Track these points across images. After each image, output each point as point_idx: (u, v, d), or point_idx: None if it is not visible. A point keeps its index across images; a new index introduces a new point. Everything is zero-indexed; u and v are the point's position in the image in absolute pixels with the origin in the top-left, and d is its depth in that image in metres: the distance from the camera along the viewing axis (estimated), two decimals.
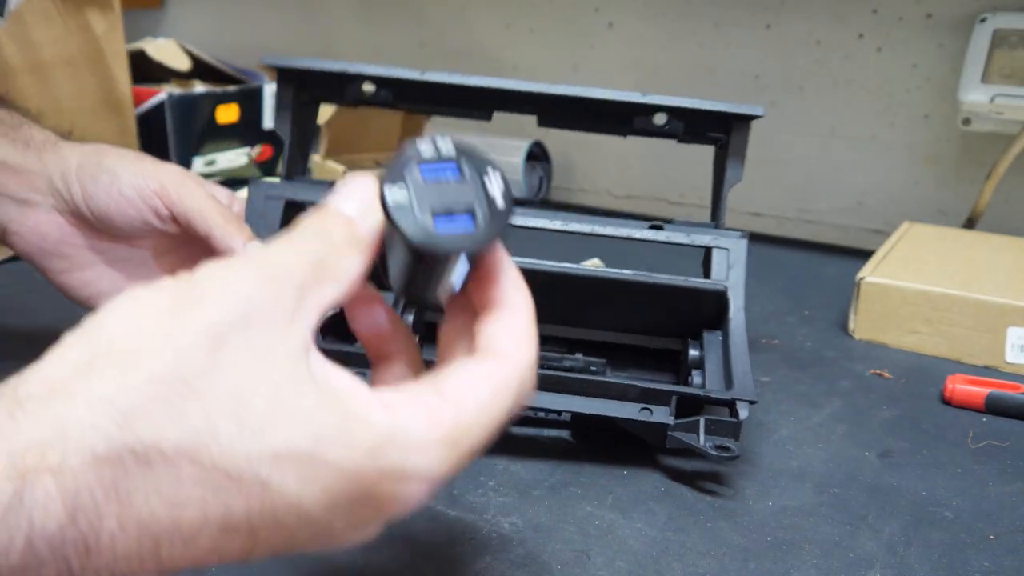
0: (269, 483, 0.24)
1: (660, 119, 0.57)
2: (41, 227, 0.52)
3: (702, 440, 0.47)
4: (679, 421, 0.48)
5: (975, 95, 0.80)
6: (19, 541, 0.22)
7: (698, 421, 0.48)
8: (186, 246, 0.54)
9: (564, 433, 0.54)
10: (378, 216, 0.28)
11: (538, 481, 0.49)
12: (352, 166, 0.99)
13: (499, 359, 0.28)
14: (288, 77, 0.57)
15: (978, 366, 0.64)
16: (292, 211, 0.56)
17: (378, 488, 0.25)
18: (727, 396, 0.48)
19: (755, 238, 0.95)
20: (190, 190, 0.51)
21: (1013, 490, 0.49)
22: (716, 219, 0.59)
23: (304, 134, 0.59)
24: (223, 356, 0.24)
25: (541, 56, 1.10)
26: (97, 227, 0.52)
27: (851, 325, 0.69)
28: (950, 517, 0.47)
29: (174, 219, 0.51)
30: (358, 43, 1.25)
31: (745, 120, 0.56)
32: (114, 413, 0.23)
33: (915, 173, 0.91)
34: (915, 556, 0.44)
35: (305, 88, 0.57)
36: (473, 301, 0.30)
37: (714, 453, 0.46)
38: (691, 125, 0.58)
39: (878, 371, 0.63)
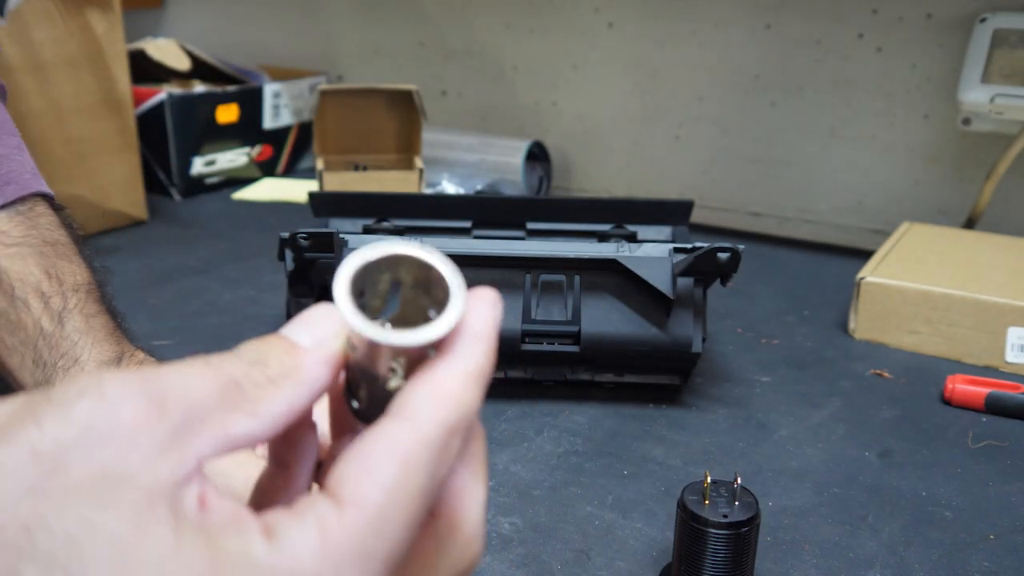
0: None
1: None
2: None
3: None
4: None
5: (975, 95, 0.80)
6: None
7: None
8: None
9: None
10: (337, 347, 0.25)
11: (538, 481, 0.49)
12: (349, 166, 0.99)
13: (401, 420, 0.23)
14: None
15: (978, 366, 0.64)
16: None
17: None
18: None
19: (755, 238, 0.96)
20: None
21: (1013, 490, 0.49)
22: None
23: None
24: (57, 483, 0.20)
25: (541, 56, 1.10)
26: None
27: (851, 325, 0.69)
28: (950, 517, 0.47)
29: None
30: (358, 43, 1.25)
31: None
32: None
33: (915, 173, 0.91)
34: (915, 556, 0.43)
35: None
36: None
37: None
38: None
39: (878, 371, 0.63)
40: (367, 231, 0.61)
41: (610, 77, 1.06)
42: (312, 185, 0.96)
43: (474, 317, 0.25)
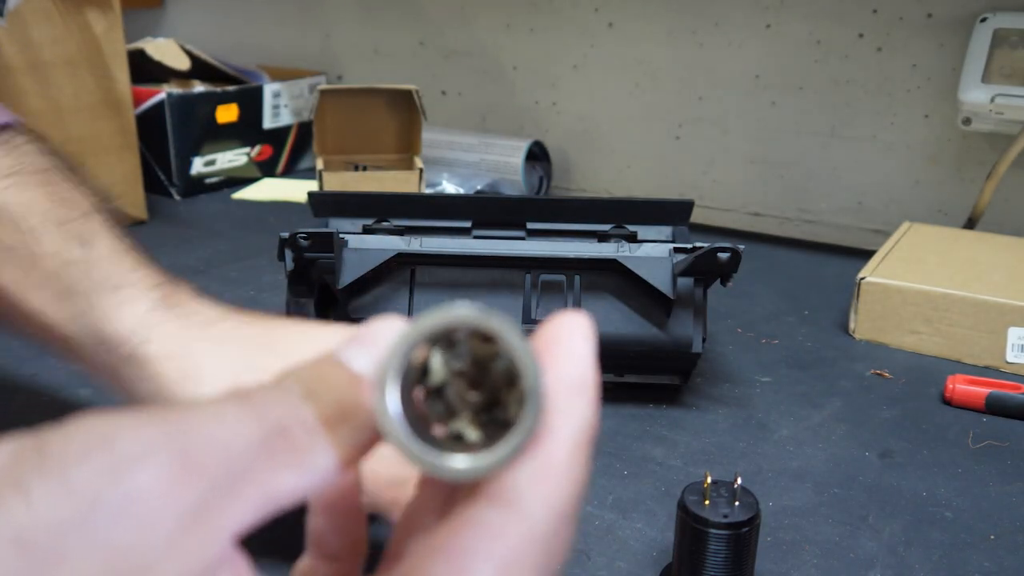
0: None
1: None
2: None
3: None
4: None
5: (975, 95, 0.80)
6: None
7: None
8: None
9: None
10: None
11: None
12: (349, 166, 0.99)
13: (501, 507, 0.18)
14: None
15: (979, 366, 0.64)
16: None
17: None
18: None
19: (755, 238, 0.95)
20: None
21: (1013, 490, 0.49)
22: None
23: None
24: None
25: (541, 56, 1.10)
26: None
27: (851, 325, 0.69)
28: (950, 517, 0.47)
29: None
30: (358, 43, 1.25)
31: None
32: None
33: (915, 173, 0.91)
34: (915, 556, 0.43)
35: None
36: None
37: None
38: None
39: (878, 371, 0.63)
40: (367, 231, 0.61)
41: (610, 77, 1.06)
42: (312, 185, 0.96)
43: (570, 359, 0.19)
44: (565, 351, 0.19)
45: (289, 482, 0.18)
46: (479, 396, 0.20)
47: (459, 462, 0.18)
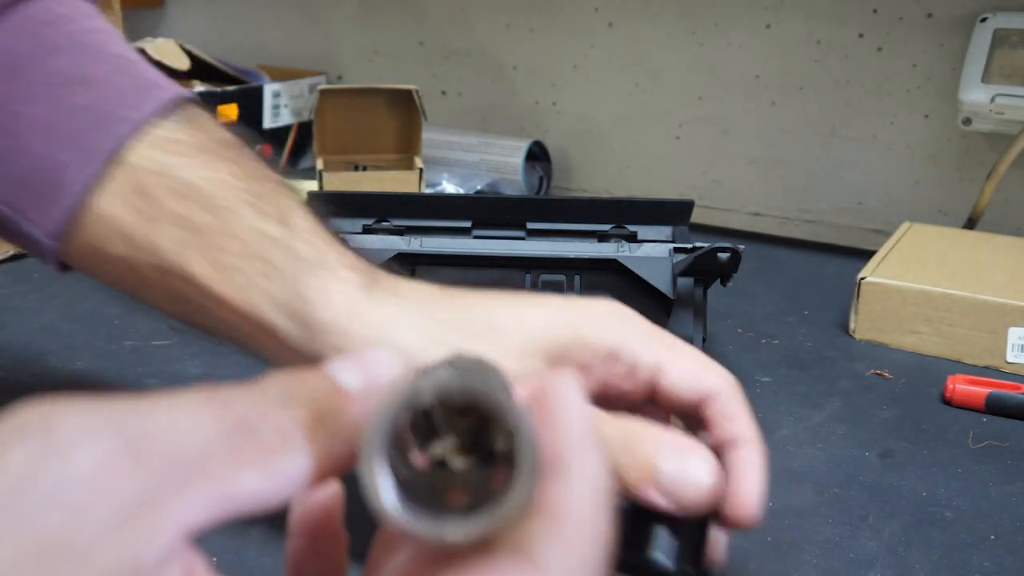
0: None
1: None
2: None
3: None
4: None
5: (975, 95, 0.80)
6: None
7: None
8: None
9: None
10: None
11: None
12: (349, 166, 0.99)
13: (521, 561, 0.17)
14: None
15: (979, 366, 0.64)
16: None
17: None
18: None
19: (755, 238, 0.95)
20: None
21: (1013, 490, 0.49)
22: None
23: None
24: None
25: (541, 56, 1.10)
26: None
27: (851, 325, 0.69)
28: (950, 517, 0.47)
29: None
30: (358, 43, 1.25)
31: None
32: None
33: (915, 173, 0.91)
34: (915, 556, 0.43)
35: None
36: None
37: None
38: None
39: (878, 371, 0.63)
40: (367, 231, 0.61)
41: (610, 77, 1.06)
42: (312, 185, 0.96)
43: (570, 413, 0.19)
44: (564, 406, 0.19)
45: (252, 482, 0.17)
46: (465, 423, 0.20)
47: (457, 533, 0.17)
